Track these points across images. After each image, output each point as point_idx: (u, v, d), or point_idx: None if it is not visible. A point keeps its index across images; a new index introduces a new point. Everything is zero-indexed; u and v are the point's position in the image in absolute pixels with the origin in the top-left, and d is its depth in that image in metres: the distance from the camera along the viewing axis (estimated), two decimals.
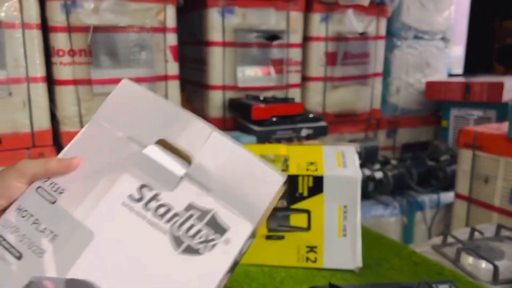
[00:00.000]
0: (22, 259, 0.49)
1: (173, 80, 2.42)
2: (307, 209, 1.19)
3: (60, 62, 2.10)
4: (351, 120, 3.05)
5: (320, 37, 2.77)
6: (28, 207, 0.54)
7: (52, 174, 0.56)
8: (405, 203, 2.68)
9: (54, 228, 0.51)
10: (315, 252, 1.21)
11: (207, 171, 0.53)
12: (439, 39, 3.26)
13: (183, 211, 0.51)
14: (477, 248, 1.29)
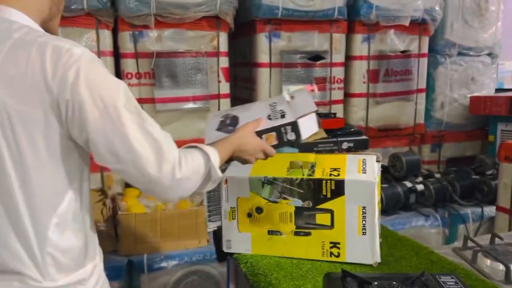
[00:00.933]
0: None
1: (224, 98, 2.69)
2: (331, 209, 1.37)
3: (128, 83, 2.43)
4: (394, 134, 3.15)
5: (362, 56, 2.93)
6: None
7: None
8: (447, 215, 2.72)
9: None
10: (338, 248, 1.38)
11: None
12: (486, 54, 3.28)
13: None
14: (493, 251, 1.39)
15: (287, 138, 1.22)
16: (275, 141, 1.23)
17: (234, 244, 1.46)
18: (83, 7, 2.21)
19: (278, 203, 1.39)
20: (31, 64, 0.84)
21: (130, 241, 2.14)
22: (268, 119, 1.25)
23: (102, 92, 0.88)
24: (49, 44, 0.86)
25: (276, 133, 1.22)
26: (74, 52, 0.86)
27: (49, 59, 0.85)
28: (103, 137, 0.90)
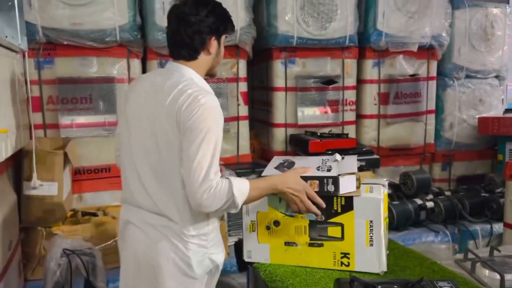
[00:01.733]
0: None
1: (243, 120, 2.88)
2: (341, 223, 1.53)
3: None
4: (405, 153, 3.28)
5: (373, 80, 3.10)
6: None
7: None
8: (457, 231, 2.83)
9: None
10: (348, 258, 1.54)
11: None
12: (493, 77, 3.42)
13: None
14: (491, 262, 1.52)
15: (327, 188, 1.48)
16: (317, 188, 1.48)
17: (254, 254, 1.62)
18: (116, 39, 2.44)
19: (294, 217, 1.55)
20: (177, 106, 1.31)
21: None
22: (317, 169, 1.53)
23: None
24: (192, 94, 1.31)
25: (319, 181, 1.48)
26: (200, 100, 1.30)
27: (185, 103, 1.30)
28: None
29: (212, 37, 1.42)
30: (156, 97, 1.35)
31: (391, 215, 2.73)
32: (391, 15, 2.96)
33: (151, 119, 1.36)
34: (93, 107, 2.51)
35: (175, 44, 1.43)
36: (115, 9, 2.41)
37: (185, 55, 1.41)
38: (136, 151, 1.40)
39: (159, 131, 1.34)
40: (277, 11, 2.76)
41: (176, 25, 1.40)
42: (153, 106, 1.36)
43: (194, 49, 1.41)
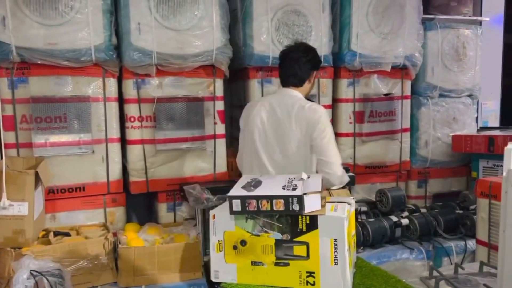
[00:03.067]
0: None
1: (220, 139, 2.90)
2: (306, 242, 1.54)
3: (131, 126, 2.66)
4: (381, 171, 3.33)
5: (348, 99, 3.16)
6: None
7: None
8: (432, 248, 2.86)
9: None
10: (313, 277, 1.54)
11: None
12: (466, 96, 3.51)
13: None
14: (454, 280, 1.55)
15: (292, 207, 1.49)
16: (282, 207, 1.50)
17: (222, 274, 1.62)
18: (92, 59, 2.46)
19: (260, 236, 1.56)
20: (305, 115, 1.98)
21: (129, 273, 2.29)
22: (282, 188, 1.54)
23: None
24: (310, 107, 2.01)
25: (284, 201, 1.50)
26: (318, 110, 2.01)
27: (310, 113, 1.98)
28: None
29: (313, 72, 2.12)
30: (287, 109, 2.00)
31: (366, 232, 2.75)
32: (365, 36, 3.03)
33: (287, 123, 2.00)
34: (67, 126, 2.51)
35: (290, 75, 2.08)
36: (91, 29, 2.43)
37: (295, 83, 2.08)
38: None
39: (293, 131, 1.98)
40: (253, 32, 2.81)
41: (292, 63, 2.06)
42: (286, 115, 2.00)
43: (303, 79, 2.08)
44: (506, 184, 0.86)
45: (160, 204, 2.80)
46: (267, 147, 2.04)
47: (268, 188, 1.59)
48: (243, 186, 1.63)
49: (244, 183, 1.66)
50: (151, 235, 2.50)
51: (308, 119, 1.98)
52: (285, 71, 2.09)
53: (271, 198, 1.50)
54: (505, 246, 0.90)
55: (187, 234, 2.55)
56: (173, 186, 2.75)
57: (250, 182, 1.66)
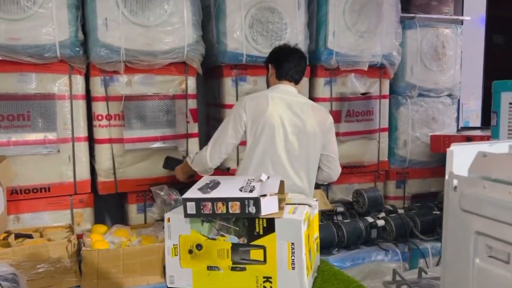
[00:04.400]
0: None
1: (193, 138, 2.83)
2: (263, 245, 1.48)
3: (99, 125, 2.58)
4: (359, 171, 3.28)
5: (325, 98, 3.10)
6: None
7: None
8: (407, 250, 2.81)
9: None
10: (270, 282, 1.48)
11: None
12: (446, 95, 3.47)
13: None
14: (416, 285, 1.50)
15: (248, 209, 1.43)
16: (239, 209, 1.44)
17: (177, 279, 1.55)
18: (57, 55, 2.38)
19: (216, 240, 1.50)
20: (320, 114, 2.17)
21: (93, 277, 2.22)
22: (239, 190, 1.48)
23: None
24: (320, 106, 2.28)
25: (240, 203, 1.43)
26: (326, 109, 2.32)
27: (324, 112, 2.22)
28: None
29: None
30: (301, 107, 2.10)
31: (341, 233, 2.70)
32: (341, 34, 2.98)
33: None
34: (31, 124, 2.43)
35: (298, 71, 2.16)
36: (55, 24, 2.35)
37: (297, 80, 2.18)
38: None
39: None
40: (226, 29, 2.75)
41: (301, 59, 2.19)
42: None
43: (302, 78, 2.22)
44: (448, 187, 0.81)
45: (130, 205, 2.73)
46: (286, 144, 2.07)
47: (225, 190, 1.53)
48: (200, 187, 1.57)
49: (201, 185, 1.60)
50: (118, 237, 2.43)
51: (323, 117, 2.15)
52: (291, 67, 2.14)
53: (227, 200, 1.44)
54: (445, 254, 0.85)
55: (156, 236, 2.49)
56: (143, 187, 2.68)
57: (208, 184, 1.60)
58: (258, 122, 2.07)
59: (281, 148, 2.06)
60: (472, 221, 0.75)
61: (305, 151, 2.09)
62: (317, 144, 2.11)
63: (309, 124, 2.07)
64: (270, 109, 2.06)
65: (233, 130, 2.11)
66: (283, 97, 2.11)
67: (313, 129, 2.08)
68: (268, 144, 2.06)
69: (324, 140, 2.14)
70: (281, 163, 2.06)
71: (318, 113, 2.14)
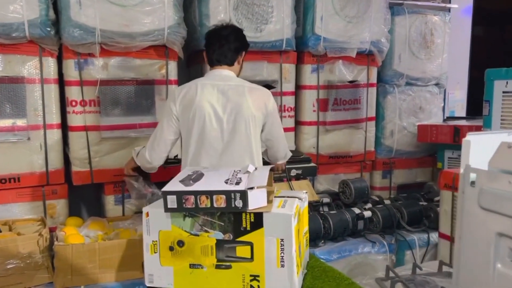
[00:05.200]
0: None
1: None
2: (250, 242, 1.38)
3: (73, 111, 2.42)
4: (345, 161, 3.20)
5: (312, 86, 3.00)
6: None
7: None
8: (394, 241, 2.76)
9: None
10: (258, 281, 1.38)
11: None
12: (433, 84, 3.41)
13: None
14: (410, 282, 1.42)
15: (234, 204, 1.32)
16: (224, 203, 1.33)
17: (157, 278, 1.44)
18: (25, 35, 2.20)
19: (199, 236, 1.39)
20: (260, 95, 2.01)
21: (66, 273, 2.08)
22: (225, 182, 1.37)
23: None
24: (258, 87, 2.07)
25: (225, 196, 1.32)
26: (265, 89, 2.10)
27: (263, 93, 2.04)
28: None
29: (242, 52, 2.08)
30: (238, 91, 1.97)
31: (328, 225, 2.62)
32: (329, 19, 2.87)
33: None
34: None
35: (221, 54, 2.00)
36: (23, 1, 2.16)
37: (227, 62, 2.02)
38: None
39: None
40: (209, 11, 2.60)
41: (222, 41, 1.99)
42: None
43: (233, 58, 2.03)
44: (463, 182, 0.72)
45: (106, 196, 2.58)
46: (222, 133, 1.94)
47: (209, 183, 1.41)
48: (181, 179, 1.45)
49: (183, 177, 1.48)
50: (94, 231, 2.29)
51: (263, 99, 1.99)
52: (215, 49, 2.00)
53: (211, 193, 1.33)
54: (460, 254, 0.76)
55: (135, 229, 2.36)
56: (121, 177, 2.51)
57: (191, 175, 1.48)
58: (188, 113, 1.94)
59: (214, 137, 1.93)
60: (493, 220, 0.66)
61: (245, 136, 1.94)
62: (257, 128, 1.98)
63: (245, 108, 1.93)
64: (198, 98, 1.92)
65: (167, 126, 1.98)
66: (215, 83, 1.97)
67: (250, 112, 1.93)
68: (200, 135, 1.93)
69: (265, 122, 2.01)
70: (217, 153, 1.94)
71: (257, 95, 1.98)
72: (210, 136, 1.93)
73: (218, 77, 1.99)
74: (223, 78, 1.99)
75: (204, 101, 1.92)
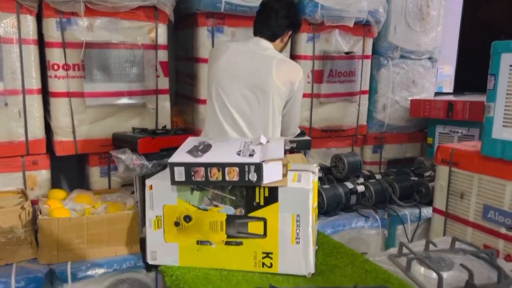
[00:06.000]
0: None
1: (163, 94, 2.54)
2: (264, 217, 1.29)
3: (54, 75, 2.23)
4: (338, 135, 3.14)
5: (307, 56, 2.88)
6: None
7: None
8: (387, 216, 2.74)
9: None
10: (270, 258, 1.30)
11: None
12: (426, 58, 3.35)
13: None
14: (427, 259, 1.37)
15: (248, 177, 1.22)
16: (237, 177, 1.22)
17: (160, 255, 1.34)
18: None
19: (208, 211, 1.29)
20: (288, 69, 1.92)
21: (52, 249, 1.96)
22: (237, 154, 1.26)
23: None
24: (292, 62, 2.03)
25: (239, 169, 1.21)
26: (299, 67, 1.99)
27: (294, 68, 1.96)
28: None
29: (289, 30, 2.00)
30: (266, 60, 1.89)
31: (321, 199, 2.57)
32: None
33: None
34: None
35: (265, 26, 1.94)
36: None
37: (268, 36, 1.95)
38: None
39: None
40: None
41: (271, 13, 1.92)
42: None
43: (277, 34, 1.96)
44: None
45: (91, 168, 2.43)
46: (238, 100, 1.87)
47: (220, 154, 1.30)
48: (188, 150, 1.33)
49: (189, 147, 1.36)
50: (80, 204, 2.15)
51: (291, 75, 1.89)
52: (261, 20, 1.96)
53: (223, 165, 1.22)
54: None
55: (124, 203, 2.23)
56: (107, 148, 2.38)
57: (197, 146, 1.36)
58: (211, 73, 1.93)
59: (233, 103, 1.87)
60: None
61: (263, 109, 1.86)
62: (279, 103, 1.89)
63: (270, 80, 1.83)
64: (224, 58, 1.89)
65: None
66: (247, 49, 1.92)
67: (274, 85, 1.84)
68: (218, 99, 1.89)
69: (288, 100, 1.92)
70: (237, 122, 1.88)
71: (286, 69, 1.90)
72: (228, 102, 1.87)
73: (253, 44, 1.93)
74: (259, 47, 1.91)
75: (227, 63, 1.87)
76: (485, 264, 1.40)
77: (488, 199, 2.14)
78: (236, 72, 1.87)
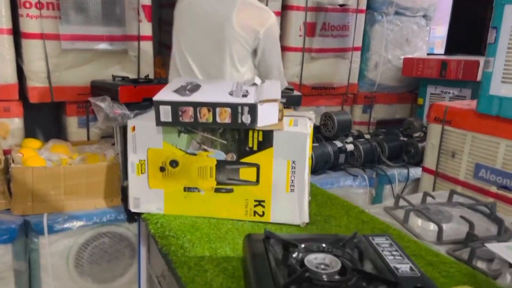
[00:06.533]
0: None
1: (146, 41, 2.37)
2: (257, 163, 1.19)
3: (26, 14, 2.04)
4: (328, 93, 3.04)
5: (299, 7, 2.73)
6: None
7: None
8: (375, 175, 2.70)
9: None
10: (262, 206, 1.22)
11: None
12: (421, 16, 3.24)
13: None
14: (425, 211, 1.31)
15: (241, 119, 1.11)
16: (229, 118, 1.11)
17: (144, 202, 1.24)
18: None
19: (197, 156, 1.19)
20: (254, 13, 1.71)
21: (26, 199, 1.84)
22: (229, 95, 1.15)
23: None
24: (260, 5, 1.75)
25: (231, 110, 1.11)
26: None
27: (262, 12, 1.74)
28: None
29: None
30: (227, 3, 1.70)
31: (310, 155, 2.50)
32: None
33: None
34: None
35: None
36: None
37: None
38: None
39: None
40: None
41: None
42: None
43: None
44: None
45: (68, 117, 2.29)
46: (195, 46, 1.70)
47: (210, 94, 1.19)
48: (175, 89, 1.21)
49: (177, 86, 1.24)
50: (56, 154, 2.03)
51: (258, 18, 1.67)
52: None
53: (214, 106, 1.11)
54: None
55: (103, 154, 2.11)
56: (85, 96, 2.22)
57: (185, 86, 1.24)
58: (175, 13, 1.77)
59: (190, 49, 1.71)
60: None
61: (220, 58, 1.68)
62: (241, 52, 1.69)
63: (227, 25, 1.63)
64: (181, 7, 1.74)
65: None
66: None
67: (232, 30, 1.63)
68: (177, 44, 1.74)
69: (256, 49, 1.72)
70: (192, 70, 1.71)
71: (250, 13, 1.68)
72: (185, 50, 1.72)
73: None
74: None
75: (185, 10, 1.71)
76: (483, 217, 1.35)
77: (480, 158, 2.10)
78: (195, 12, 1.69)
